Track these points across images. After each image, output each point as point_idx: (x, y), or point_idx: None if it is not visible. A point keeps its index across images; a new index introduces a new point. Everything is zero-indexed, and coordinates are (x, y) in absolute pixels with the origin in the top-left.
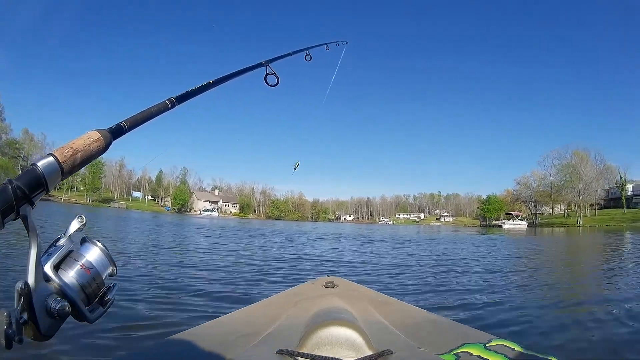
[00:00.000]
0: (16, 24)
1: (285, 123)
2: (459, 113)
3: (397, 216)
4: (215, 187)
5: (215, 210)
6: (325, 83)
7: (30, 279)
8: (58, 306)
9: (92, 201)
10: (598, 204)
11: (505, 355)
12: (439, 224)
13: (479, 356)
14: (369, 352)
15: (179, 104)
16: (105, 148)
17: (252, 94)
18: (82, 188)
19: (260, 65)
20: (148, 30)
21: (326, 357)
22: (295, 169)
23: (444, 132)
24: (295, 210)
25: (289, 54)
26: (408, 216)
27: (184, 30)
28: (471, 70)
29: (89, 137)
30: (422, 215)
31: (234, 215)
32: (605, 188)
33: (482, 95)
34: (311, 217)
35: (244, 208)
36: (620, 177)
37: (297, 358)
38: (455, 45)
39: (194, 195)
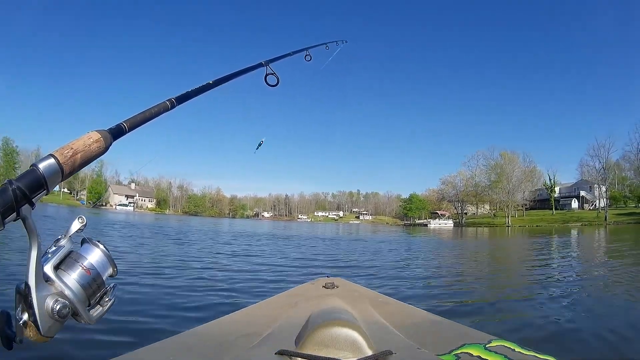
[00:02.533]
0: (17, 22)
1: (207, 118)
2: (379, 113)
3: (315, 214)
4: (132, 181)
5: (132, 204)
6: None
7: (31, 280)
8: (58, 307)
9: None
10: (524, 205)
11: (505, 356)
12: (358, 222)
13: (479, 357)
14: (369, 353)
15: (179, 104)
16: (105, 149)
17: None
18: None
19: (260, 65)
20: (148, 30)
21: (326, 357)
22: (259, 146)
23: (363, 132)
24: (212, 206)
25: (289, 54)
26: (327, 214)
27: (184, 31)
28: (391, 69)
29: (89, 138)
30: (340, 214)
31: (151, 210)
32: (532, 190)
33: (401, 96)
34: (229, 214)
35: (161, 203)
36: (550, 179)
37: (297, 358)
38: (372, 45)
39: (110, 189)
